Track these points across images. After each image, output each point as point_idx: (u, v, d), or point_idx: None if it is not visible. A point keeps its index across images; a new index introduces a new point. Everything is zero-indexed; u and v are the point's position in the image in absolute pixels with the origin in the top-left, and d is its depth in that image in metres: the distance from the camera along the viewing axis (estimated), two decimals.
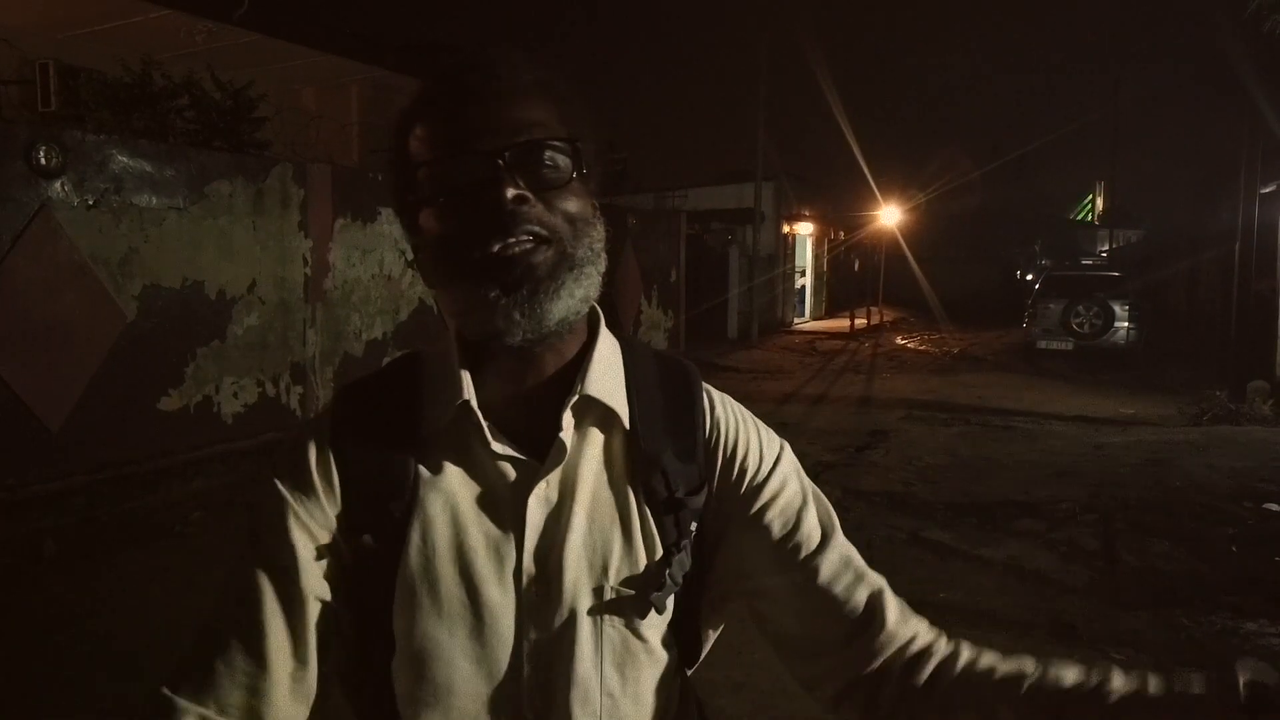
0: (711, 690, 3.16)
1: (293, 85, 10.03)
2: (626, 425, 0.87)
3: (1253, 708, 0.63)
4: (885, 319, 23.12)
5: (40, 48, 7.62)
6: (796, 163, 22.53)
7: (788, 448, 0.98)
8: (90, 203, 5.75)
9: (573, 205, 0.81)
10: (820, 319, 23.57)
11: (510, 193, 0.77)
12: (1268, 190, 10.54)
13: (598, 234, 0.84)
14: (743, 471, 0.92)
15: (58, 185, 5.58)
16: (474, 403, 0.83)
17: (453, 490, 0.84)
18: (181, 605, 4.12)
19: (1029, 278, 28.37)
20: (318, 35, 8.91)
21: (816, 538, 0.92)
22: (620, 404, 0.88)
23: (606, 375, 0.88)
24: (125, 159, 5.98)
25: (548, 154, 0.80)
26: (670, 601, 0.87)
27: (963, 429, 8.89)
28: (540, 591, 0.83)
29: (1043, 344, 14.51)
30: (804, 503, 0.93)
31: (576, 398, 0.85)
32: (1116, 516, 5.51)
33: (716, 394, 0.96)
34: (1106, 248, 30.67)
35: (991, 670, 0.86)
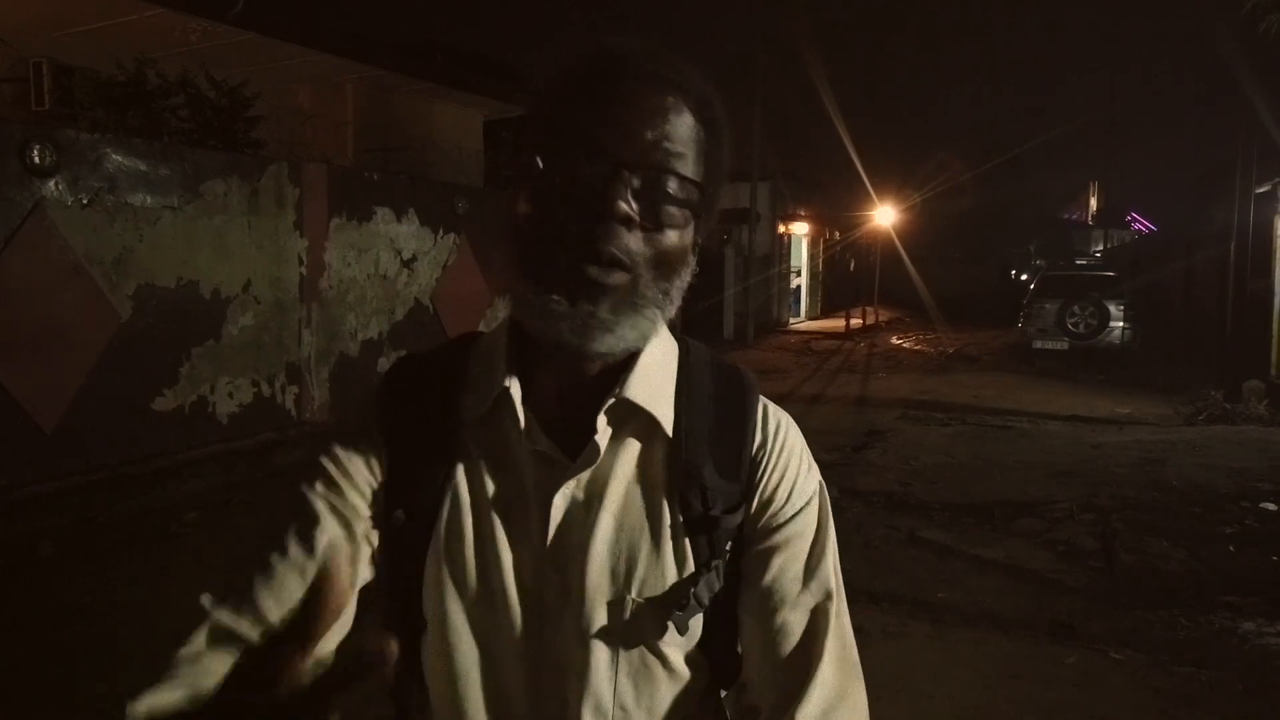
0: None
1: (288, 84, 9.98)
2: (669, 433, 0.84)
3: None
4: (880, 319, 23.15)
5: (34, 46, 7.58)
6: (792, 162, 22.50)
7: (823, 488, 0.92)
8: (84, 202, 5.72)
9: (670, 243, 0.77)
10: (816, 319, 23.58)
11: (620, 209, 0.73)
12: (1262, 190, 10.57)
13: (680, 279, 0.80)
14: (771, 501, 0.87)
15: (52, 184, 5.54)
16: (515, 393, 0.82)
17: (484, 479, 0.83)
18: (178, 605, 4.09)
19: (1024, 277, 28.44)
20: (313, 34, 8.87)
21: (794, 593, 0.86)
22: (664, 411, 0.84)
23: (652, 380, 0.85)
24: (119, 158, 5.95)
25: (674, 190, 0.76)
26: (697, 622, 0.83)
27: (959, 429, 8.89)
28: (558, 594, 0.81)
29: (1038, 344, 14.53)
30: (808, 556, 0.87)
31: (613, 401, 0.82)
32: (1114, 516, 5.51)
33: (774, 411, 0.92)
34: (1101, 247, 30.74)
35: None
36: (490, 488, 0.83)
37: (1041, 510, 5.72)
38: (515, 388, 0.82)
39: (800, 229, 22.90)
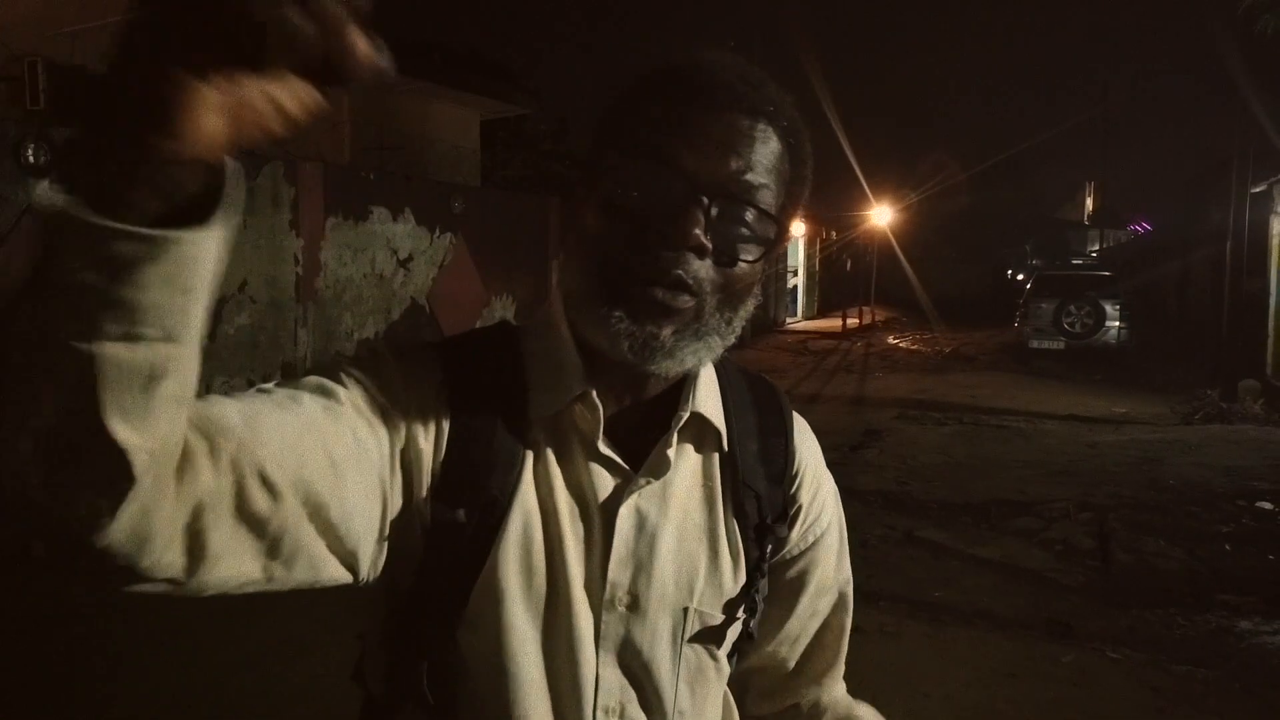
0: None
1: None
2: (726, 445, 0.86)
3: None
4: (877, 318, 23.17)
5: (28, 45, 7.55)
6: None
7: (835, 489, 0.99)
8: None
9: (740, 273, 0.76)
10: (812, 319, 23.60)
11: (695, 238, 0.71)
12: (1258, 190, 10.58)
13: (745, 308, 0.79)
14: (809, 512, 0.93)
15: (46, 183, 5.53)
16: (596, 396, 0.79)
17: (552, 483, 0.80)
18: (172, 605, 4.09)
19: (1020, 277, 28.49)
20: None
21: (829, 583, 0.97)
22: (722, 423, 0.86)
23: (710, 392, 0.86)
24: None
25: (750, 222, 0.75)
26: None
27: (956, 428, 8.90)
28: (624, 604, 0.81)
29: (1035, 343, 14.55)
30: (837, 549, 0.97)
31: (688, 414, 0.82)
32: (1111, 515, 5.51)
33: (800, 421, 0.95)
34: (1097, 247, 30.78)
35: None
36: (557, 492, 0.80)
37: (1038, 509, 5.73)
38: (595, 391, 0.79)
39: (797, 229, 22.85)
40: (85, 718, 3.20)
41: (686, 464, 0.85)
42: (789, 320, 22.22)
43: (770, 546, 0.88)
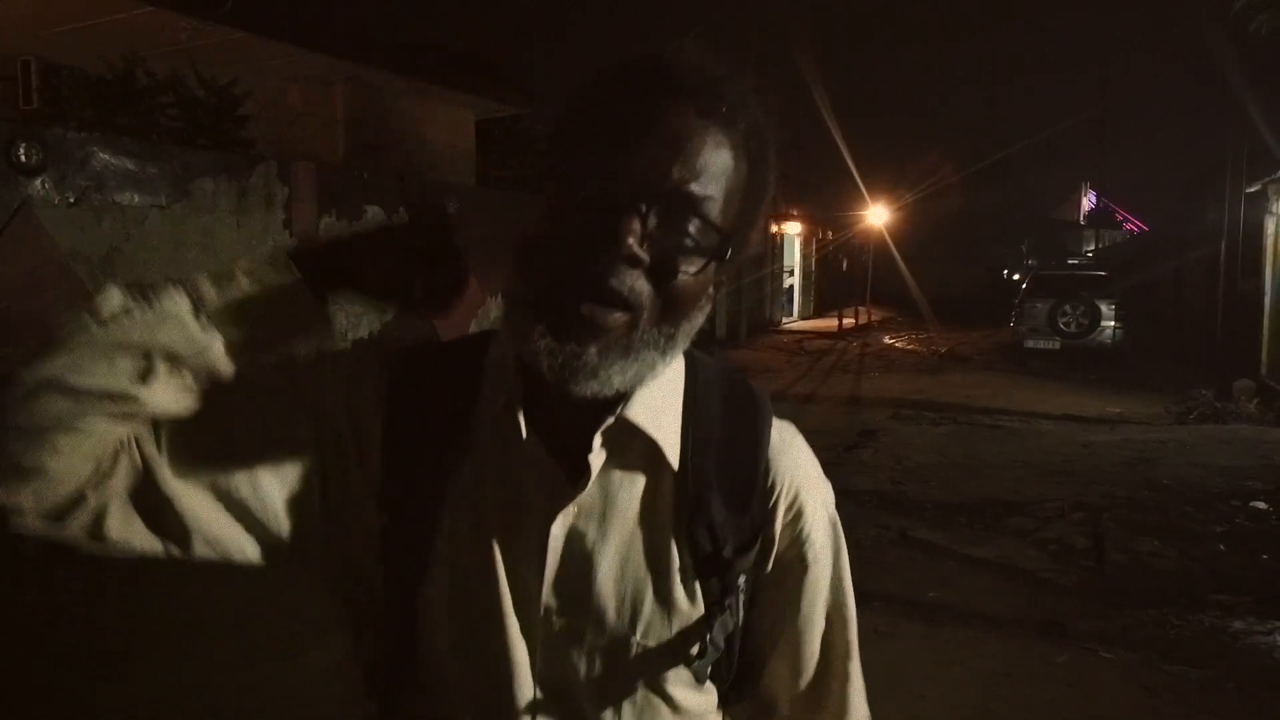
0: None
1: (278, 82, 9.94)
2: (674, 463, 0.78)
3: None
4: (873, 318, 23.18)
5: (20, 44, 7.53)
6: (784, 162, 22.50)
7: (834, 510, 0.89)
8: (71, 200, 5.68)
9: (682, 286, 0.70)
10: (808, 319, 23.61)
11: (629, 249, 0.66)
12: (1253, 190, 10.59)
13: (690, 321, 0.73)
14: (789, 538, 0.84)
15: (38, 183, 5.50)
16: (519, 405, 0.75)
17: (487, 494, 0.77)
18: (165, 607, 4.07)
19: (1016, 277, 28.51)
20: (304, 33, 8.82)
21: (818, 622, 0.88)
22: (668, 436, 0.78)
23: (657, 400, 0.77)
24: (107, 157, 5.91)
25: (693, 233, 0.69)
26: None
27: (951, 428, 8.90)
28: (558, 627, 0.76)
29: (1030, 343, 14.55)
30: (830, 581, 0.88)
31: (611, 421, 0.74)
32: (1105, 515, 5.52)
33: (785, 431, 0.86)
34: (1092, 248, 30.82)
35: None
36: (491, 504, 0.77)
37: (1033, 509, 5.73)
38: (519, 397, 0.75)
39: (793, 229, 22.91)
40: (82, 718, 3.19)
41: (631, 484, 0.78)
42: (785, 320, 22.22)
43: (742, 578, 0.80)
